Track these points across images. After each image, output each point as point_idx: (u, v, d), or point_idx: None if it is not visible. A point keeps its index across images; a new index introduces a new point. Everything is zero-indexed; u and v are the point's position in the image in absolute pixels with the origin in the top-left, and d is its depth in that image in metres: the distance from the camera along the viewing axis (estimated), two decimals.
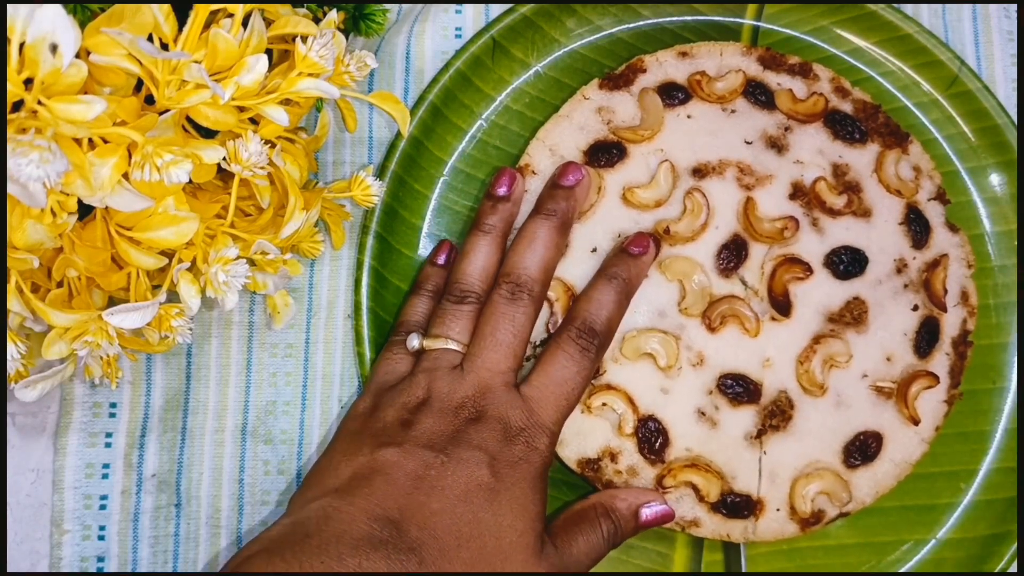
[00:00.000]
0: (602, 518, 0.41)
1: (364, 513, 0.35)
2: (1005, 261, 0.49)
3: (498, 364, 0.41)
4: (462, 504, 0.37)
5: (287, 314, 0.44)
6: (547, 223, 0.44)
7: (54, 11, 0.28)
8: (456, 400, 0.40)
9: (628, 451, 0.44)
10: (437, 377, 0.41)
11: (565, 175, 0.45)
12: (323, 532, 0.34)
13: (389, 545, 0.34)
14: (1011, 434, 0.47)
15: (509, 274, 0.43)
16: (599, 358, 0.43)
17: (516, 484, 0.38)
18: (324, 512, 0.36)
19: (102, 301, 0.37)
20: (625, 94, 0.48)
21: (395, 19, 0.50)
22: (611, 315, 0.43)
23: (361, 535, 0.34)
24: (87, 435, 0.44)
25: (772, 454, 0.45)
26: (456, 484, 0.37)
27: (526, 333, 0.42)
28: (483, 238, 0.44)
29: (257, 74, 0.33)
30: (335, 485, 0.37)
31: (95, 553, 0.44)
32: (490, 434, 0.39)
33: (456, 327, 0.42)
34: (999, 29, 0.52)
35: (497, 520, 0.37)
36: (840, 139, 0.48)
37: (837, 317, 0.46)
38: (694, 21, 0.50)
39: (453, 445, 0.38)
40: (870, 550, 0.46)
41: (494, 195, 0.45)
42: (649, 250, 0.45)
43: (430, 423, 0.39)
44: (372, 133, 0.48)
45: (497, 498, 0.37)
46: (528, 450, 0.39)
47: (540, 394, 0.41)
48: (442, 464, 0.38)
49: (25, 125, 0.29)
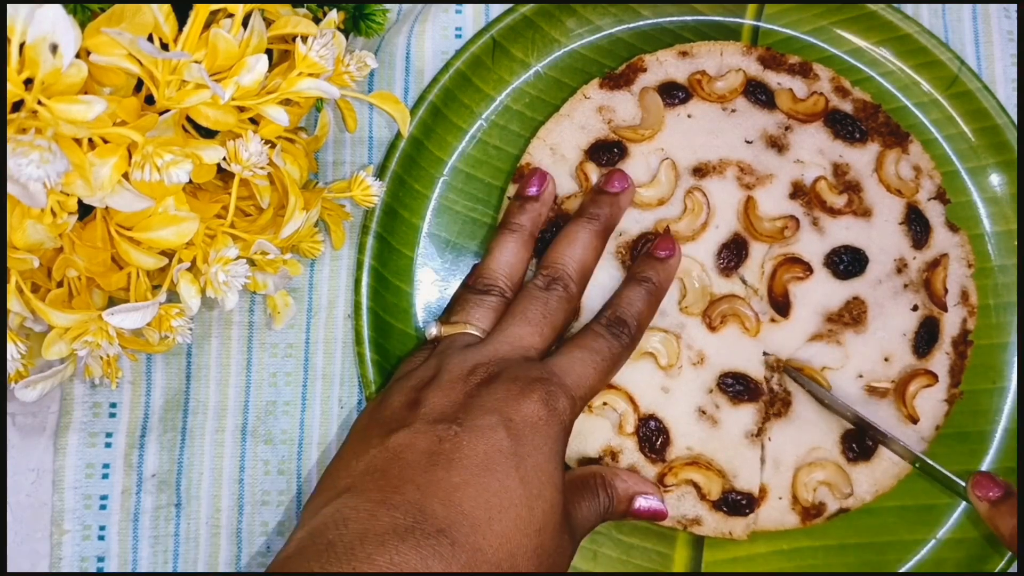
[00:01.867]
0: (600, 489, 0.41)
1: (381, 504, 0.33)
2: (1005, 261, 0.49)
3: (522, 339, 0.39)
4: (485, 474, 0.34)
5: (287, 314, 0.44)
6: (589, 226, 0.43)
7: (54, 11, 0.28)
8: (467, 367, 0.38)
9: (629, 450, 0.44)
10: (450, 355, 0.39)
11: (611, 182, 0.45)
12: (344, 536, 0.32)
13: (416, 531, 0.32)
14: (1011, 434, 0.47)
15: (547, 267, 0.42)
16: (628, 351, 0.42)
17: (538, 449, 0.36)
18: (340, 515, 0.33)
19: (102, 301, 0.37)
20: (626, 93, 0.48)
21: (395, 19, 0.50)
22: (641, 312, 0.42)
23: (384, 528, 0.32)
24: (87, 435, 0.44)
25: (775, 441, 0.45)
26: (475, 453, 0.35)
27: (557, 320, 0.41)
28: (510, 236, 0.44)
29: (257, 74, 0.33)
30: (347, 484, 0.35)
31: (95, 553, 0.44)
32: (504, 393, 0.37)
33: (477, 314, 0.41)
34: (999, 29, 0.52)
35: (526, 490, 0.35)
36: (840, 139, 0.48)
37: (836, 317, 0.46)
38: (694, 21, 0.50)
39: (465, 412, 0.36)
40: (870, 550, 0.46)
41: (524, 195, 0.45)
42: (675, 253, 0.44)
43: (438, 397, 0.37)
44: (372, 133, 0.48)
45: (522, 464, 0.35)
46: (547, 411, 0.37)
47: (563, 361, 0.39)
48: (455, 435, 0.35)
49: (25, 125, 0.29)
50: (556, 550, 0.36)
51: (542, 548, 0.35)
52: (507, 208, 0.46)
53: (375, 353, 0.45)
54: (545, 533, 0.35)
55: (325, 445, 0.46)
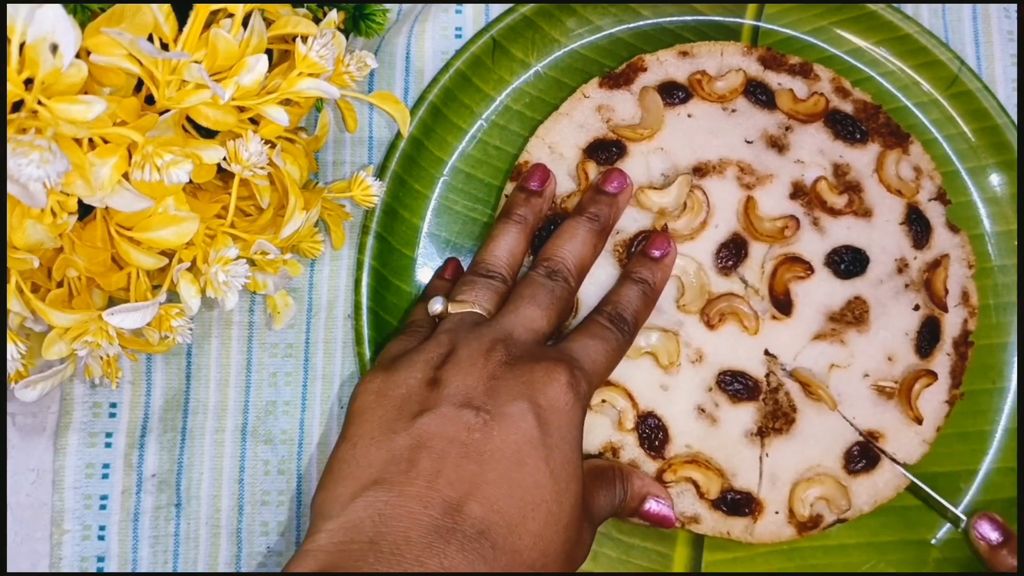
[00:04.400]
0: (618, 482, 0.41)
1: (419, 502, 0.32)
2: (1005, 261, 0.49)
3: (532, 320, 0.39)
4: (517, 468, 0.34)
5: (287, 314, 0.44)
6: (588, 224, 0.43)
7: (54, 11, 0.28)
8: (485, 344, 0.37)
9: (629, 445, 0.44)
10: (461, 331, 0.38)
11: (609, 181, 0.45)
12: (387, 536, 0.31)
13: (457, 533, 0.32)
14: (1011, 434, 0.47)
15: (548, 259, 0.42)
16: (627, 346, 0.42)
17: (564, 439, 0.35)
18: (376, 510, 0.32)
19: (102, 301, 0.37)
20: (625, 93, 0.48)
21: (395, 19, 0.50)
22: (637, 310, 0.42)
23: (426, 529, 0.31)
24: (87, 435, 0.44)
25: (773, 457, 0.45)
26: (505, 445, 0.34)
27: (561, 309, 0.41)
28: (512, 226, 0.44)
29: (257, 74, 0.33)
30: (373, 475, 0.34)
31: (95, 553, 0.44)
32: (528, 376, 0.36)
33: (484, 295, 0.41)
34: (999, 29, 0.52)
35: (556, 484, 0.34)
36: (841, 139, 0.48)
37: (838, 316, 0.46)
38: (694, 21, 0.50)
39: (492, 398, 0.35)
40: (870, 550, 0.46)
41: (527, 188, 0.45)
42: (671, 252, 0.44)
43: (461, 377, 0.36)
44: (372, 133, 0.48)
45: (551, 456, 0.34)
46: (572, 395, 0.36)
47: (576, 347, 0.39)
48: (485, 423, 0.34)
49: (25, 125, 0.29)
50: (580, 542, 0.36)
51: (569, 542, 0.35)
52: (509, 198, 0.46)
53: (375, 353, 0.45)
54: (572, 528, 0.35)
55: (325, 445, 0.46)
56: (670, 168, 0.47)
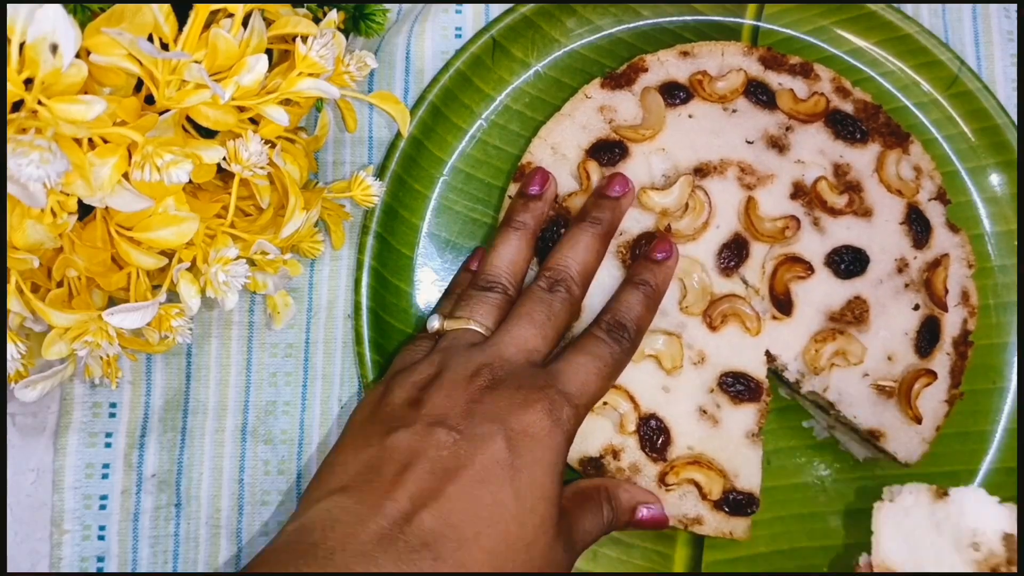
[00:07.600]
0: (604, 503, 0.41)
1: (372, 509, 0.33)
2: (1005, 261, 0.49)
3: (526, 341, 0.39)
4: (479, 486, 0.34)
5: (287, 314, 0.44)
6: (591, 230, 0.43)
7: (54, 11, 0.28)
8: (471, 368, 0.38)
9: (630, 448, 0.44)
10: (453, 353, 0.39)
11: (612, 186, 0.45)
12: (329, 539, 0.32)
13: (399, 542, 0.32)
14: (1011, 434, 0.47)
15: (550, 269, 0.42)
16: (628, 355, 0.42)
17: (536, 462, 0.36)
18: (330, 515, 0.34)
19: (102, 301, 0.37)
20: (627, 93, 0.48)
21: (395, 19, 0.50)
22: (640, 316, 0.42)
23: (370, 536, 0.32)
24: (87, 435, 0.44)
25: None
26: (471, 463, 0.35)
27: (561, 323, 0.41)
28: (513, 234, 0.44)
29: (257, 74, 0.33)
30: (343, 482, 0.35)
31: (95, 553, 0.43)
32: (506, 402, 0.36)
33: (481, 311, 0.41)
34: (999, 29, 0.52)
35: (519, 504, 0.35)
36: (841, 139, 0.48)
37: (839, 316, 0.46)
38: (694, 21, 0.50)
39: (467, 419, 0.36)
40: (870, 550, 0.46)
41: (526, 193, 0.45)
42: (673, 255, 0.44)
43: (440, 398, 0.37)
44: (372, 133, 0.48)
45: (518, 477, 0.35)
46: (550, 422, 0.36)
47: (566, 368, 0.39)
48: (454, 443, 0.35)
49: (25, 125, 0.29)
50: (548, 564, 0.36)
51: (531, 563, 0.35)
52: (509, 206, 0.46)
53: (375, 353, 0.45)
54: (535, 548, 0.35)
55: (325, 445, 0.46)
56: (671, 168, 0.47)
